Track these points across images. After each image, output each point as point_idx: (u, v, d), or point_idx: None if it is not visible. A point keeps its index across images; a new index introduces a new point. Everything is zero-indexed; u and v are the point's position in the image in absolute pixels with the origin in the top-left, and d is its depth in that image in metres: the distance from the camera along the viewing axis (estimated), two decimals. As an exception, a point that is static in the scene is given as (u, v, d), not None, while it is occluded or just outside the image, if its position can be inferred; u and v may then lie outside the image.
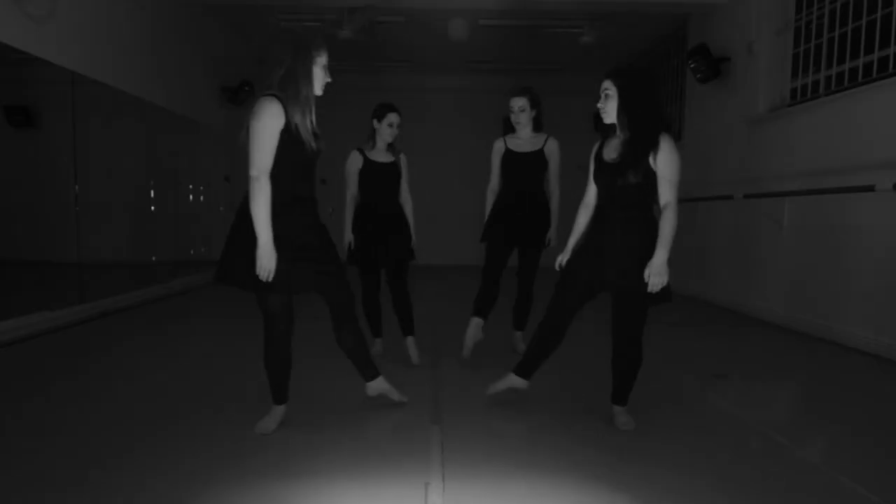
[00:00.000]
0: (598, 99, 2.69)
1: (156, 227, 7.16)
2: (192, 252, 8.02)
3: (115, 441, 2.53)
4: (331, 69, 2.53)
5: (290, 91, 2.42)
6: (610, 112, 2.66)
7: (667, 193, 2.60)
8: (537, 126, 3.93)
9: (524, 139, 3.91)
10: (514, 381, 3.00)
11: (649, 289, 2.56)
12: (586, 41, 7.91)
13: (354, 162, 3.81)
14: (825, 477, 2.28)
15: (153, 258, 7.16)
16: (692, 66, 6.66)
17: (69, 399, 3.10)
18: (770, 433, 2.71)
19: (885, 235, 4.21)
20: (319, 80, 2.50)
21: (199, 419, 2.81)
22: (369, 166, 3.79)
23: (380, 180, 3.81)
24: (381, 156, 3.82)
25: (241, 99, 8.51)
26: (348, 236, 3.84)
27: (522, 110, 3.83)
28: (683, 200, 7.34)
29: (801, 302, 5.08)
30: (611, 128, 2.73)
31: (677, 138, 7.75)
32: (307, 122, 2.46)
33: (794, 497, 2.15)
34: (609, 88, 2.65)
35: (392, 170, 3.82)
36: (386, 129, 3.76)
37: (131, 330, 4.96)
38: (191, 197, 8.05)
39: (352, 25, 7.32)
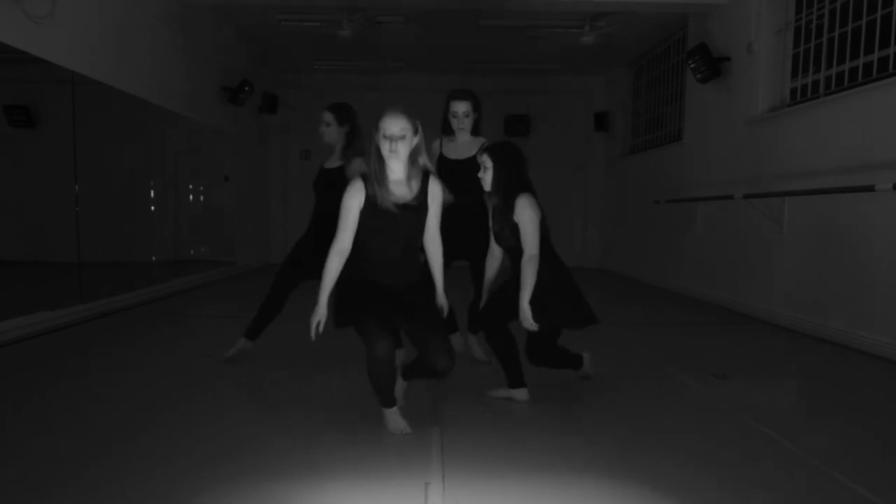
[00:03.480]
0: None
1: (156, 227, 7.17)
2: (192, 252, 8.03)
3: (115, 440, 2.53)
4: (330, 69, 2.54)
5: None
6: (487, 181, 3.02)
7: (526, 247, 2.92)
8: (475, 129, 3.67)
9: (460, 143, 3.66)
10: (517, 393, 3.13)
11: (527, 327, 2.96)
12: (586, 41, 7.92)
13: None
14: (825, 477, 2.28)
15: (153, 258, 7.17)
16: (692, 65, 6.66)
17: (69, 399, 3.10)
18: (770, 432, 2.71)
19: (885, 235, 4.21)
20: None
21: (199, 419, 2.81)
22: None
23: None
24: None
25: (242, 99, 8.52)
26: None
27: (467, 115, 3.59)
28: (684, 200, 7.39)
29: (801, 302, 5.08)
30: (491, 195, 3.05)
31: (677, 138, 7.77)
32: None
33: (793, 496, 2.15)
34: (486, 161, 3.00)
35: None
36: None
37: (131, 330, 4.95)
38: (191, 197, 8.06)
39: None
